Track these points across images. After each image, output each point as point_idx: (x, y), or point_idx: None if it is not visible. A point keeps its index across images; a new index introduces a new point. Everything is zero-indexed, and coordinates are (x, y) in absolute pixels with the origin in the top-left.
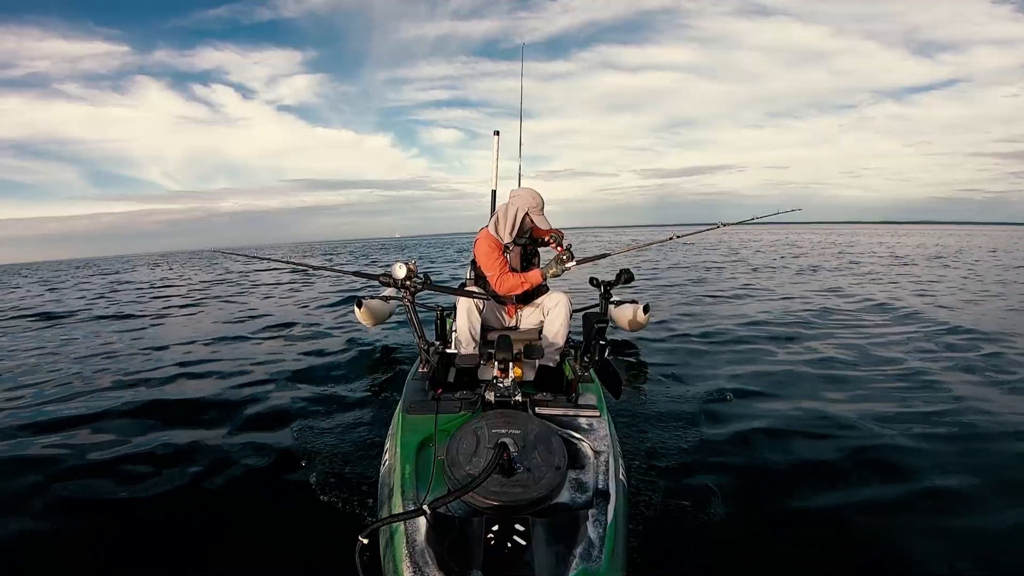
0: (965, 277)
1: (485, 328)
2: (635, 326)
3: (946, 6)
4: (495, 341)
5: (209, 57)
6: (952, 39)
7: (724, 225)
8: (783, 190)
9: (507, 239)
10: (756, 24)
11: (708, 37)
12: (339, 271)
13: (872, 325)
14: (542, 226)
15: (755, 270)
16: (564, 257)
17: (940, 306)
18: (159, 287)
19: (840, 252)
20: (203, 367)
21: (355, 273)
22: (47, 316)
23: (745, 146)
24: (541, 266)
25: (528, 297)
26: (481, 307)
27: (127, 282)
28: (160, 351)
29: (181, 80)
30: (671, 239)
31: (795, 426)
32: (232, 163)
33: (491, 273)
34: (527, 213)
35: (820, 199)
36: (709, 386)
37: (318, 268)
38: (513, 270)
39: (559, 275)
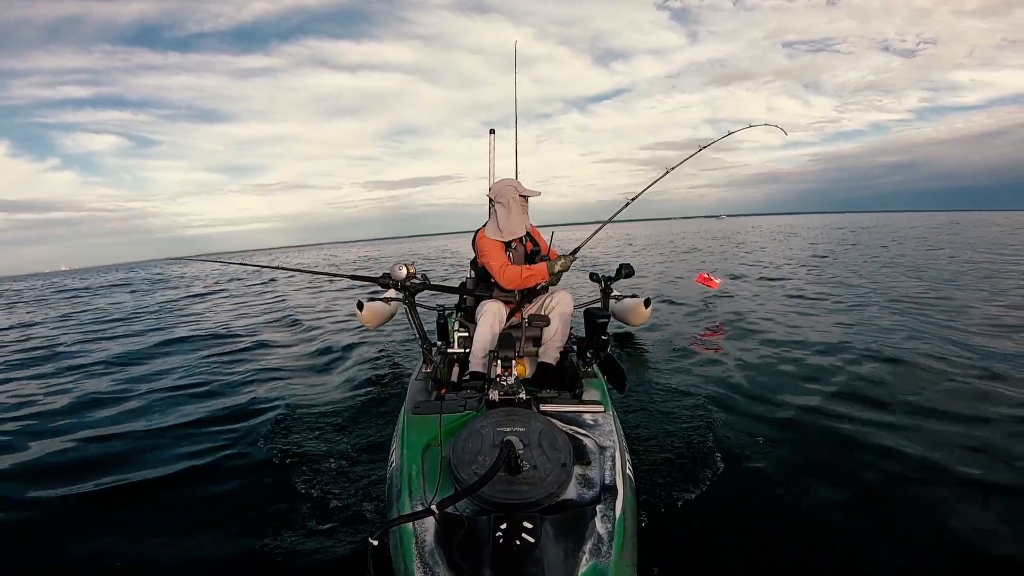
0: None
1: None
2: (637, 320)
3: (626, 12)
4: (498, 339)
5: None
6: (624, 48)
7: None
8: None
9: (513, 232)
10: (474, 22)
11: (429, 34)
12: (337, 275)
13: None
14: (526, 193)
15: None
16: (567, 258)
17: None
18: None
19: None
20: (203, 371)
21: (353, 276)
22: None
23: (466, 156)
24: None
25: (530, 295)
26: (498, 312)
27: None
28: (157, 351)
29: None
30: (627, 204)
31: (802, 418)
32: None
33: (495, 264)
34: (508, 198)
35: (530, 206)
36: (713, 378)
37: (315, 273)
38: None
39: (568, 269)
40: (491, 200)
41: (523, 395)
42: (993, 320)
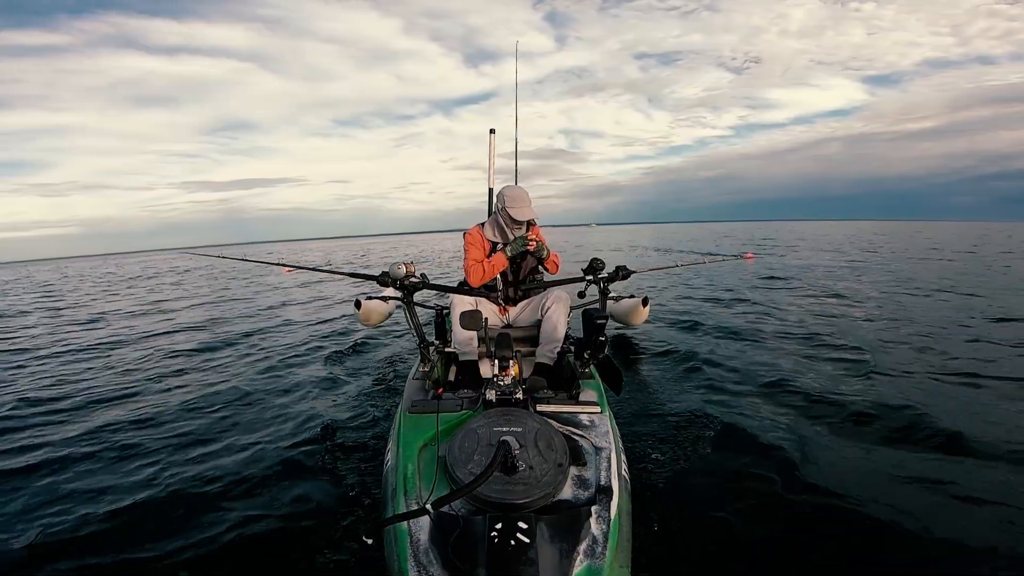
0: None
1: None
2: (637, 320)
3: (500, 9)
4: (494, 339)
5: None
6: (496, 48)
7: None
8: (351, 204)
9: (500, 239)
10: (329, 7)
11: (272, 16)
12: (336, 272)
13: None
14: (519, 217)
15: None
16: (519, 239)
17: None
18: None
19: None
20: (196, 372)
21: (352, 274)
22: None
23: (310, 157)
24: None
25: (523, 294)
26: (475, 304)
27: None
28: (152, 351)
29: None
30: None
31: (800, 420)
32: None
33: (467, 260)
34: (504, 208)
35: (384, 213)
36: (710, 381)
37: (314, 270)
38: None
39: (519, 250)
40: (498, 208)
41: (520, 395)
42: None
